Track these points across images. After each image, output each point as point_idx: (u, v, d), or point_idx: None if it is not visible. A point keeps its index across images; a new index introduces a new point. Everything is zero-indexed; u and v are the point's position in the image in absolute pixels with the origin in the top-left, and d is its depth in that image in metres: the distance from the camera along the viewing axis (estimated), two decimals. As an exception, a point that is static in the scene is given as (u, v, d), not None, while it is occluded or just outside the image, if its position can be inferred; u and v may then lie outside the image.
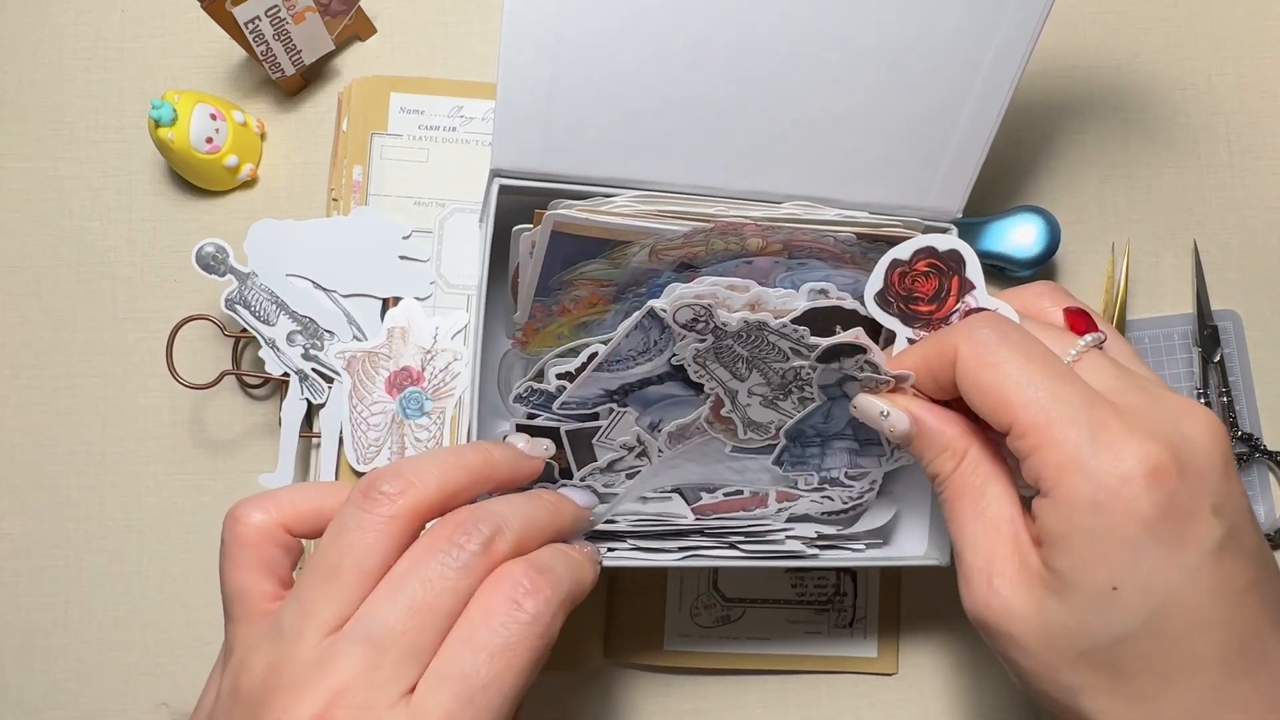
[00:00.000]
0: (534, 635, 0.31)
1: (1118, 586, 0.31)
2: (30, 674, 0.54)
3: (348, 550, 0.32)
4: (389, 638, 0.31)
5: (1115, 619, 0.31)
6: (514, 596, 0.32)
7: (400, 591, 0.31)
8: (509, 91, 0.41)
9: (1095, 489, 0.31)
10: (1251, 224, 0.58)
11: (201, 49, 0.57)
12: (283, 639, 0.32)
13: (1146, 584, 0.31)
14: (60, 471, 0.55)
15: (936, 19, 0.41)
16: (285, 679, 0.31)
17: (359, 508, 0.33)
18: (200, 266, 0.49)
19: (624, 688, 0.54)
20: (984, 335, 0.34)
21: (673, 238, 0.41)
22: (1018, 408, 0.33)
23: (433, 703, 0.30)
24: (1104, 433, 0.32)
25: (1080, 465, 0.31)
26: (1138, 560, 0.31)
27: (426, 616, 0.31)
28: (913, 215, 0.46)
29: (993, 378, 0.34)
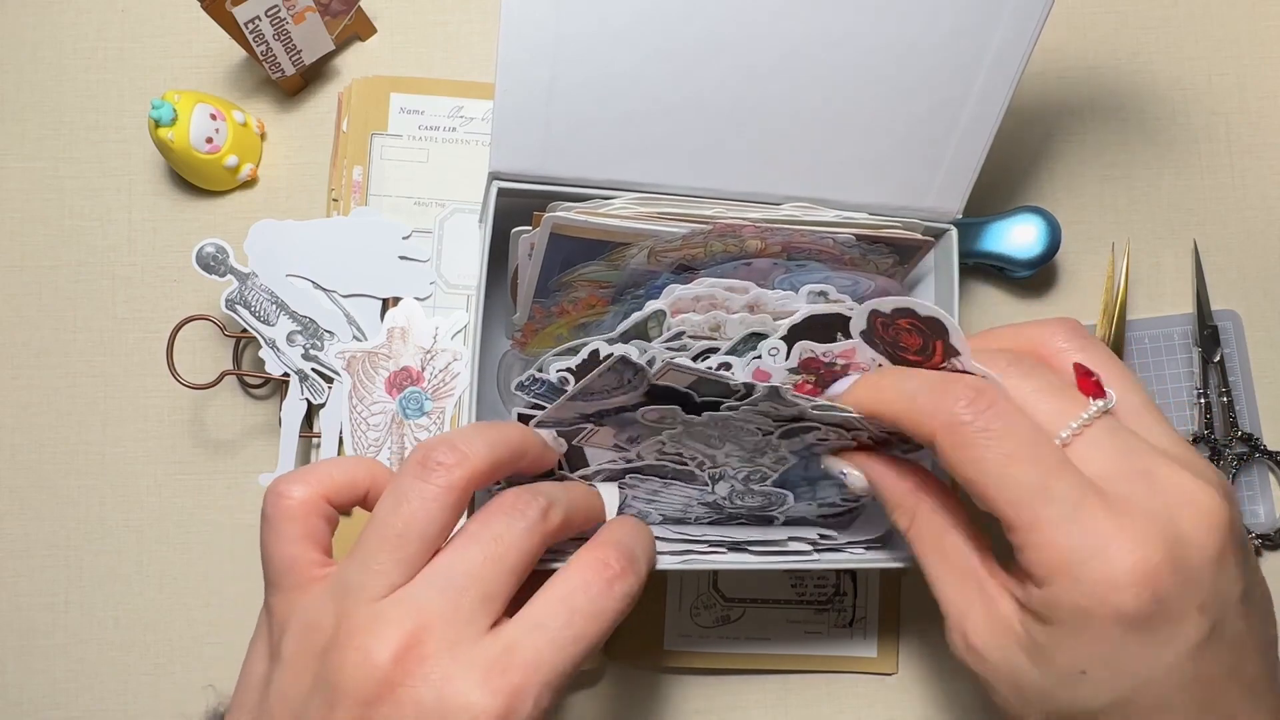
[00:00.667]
0: (618, 611, 0.34)
1: (1086, 670, 0.32)
2: (30, 674, 0.54)
3: (410, 518, 0.33)
4: (467, 580, 0.32)
5: (1083, 696, 0.32)
6: (607, 576, 0.34)
7: (474, 543, 0.33)
8: (507, 94, 0.41)
9: (1081, 596, 0.31)
10: (1251, 224, 0.58)
11: (201, 49, 0.57)
12: (350, 594, 0.32)
13: (1118, 671, 0.31)
14: (60, 471, 0.55)
15: (936, 19, 0.41)
16: (360, 623, 0.31)
17: (417, 478, 0.33)
18: (200, 266, 0.49)
19: (624, 688, 0.54)
20: (967, 416, 0.33)
21: (671, 240, 0.41)
22: (1003, 505, 0.32)
23: (527, 642, 0.32)
24: (1093, 537, 0.31)
25: (1067, 571, 0.31)
26: (1115, 653, 0.31)
27: (499, 567, 0.33)
28: (913, 216, 0.46)
29: (975, 473, 0.32)
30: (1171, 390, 0.57)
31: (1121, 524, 0.31)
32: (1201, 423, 0.56)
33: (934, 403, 0.34)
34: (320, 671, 0.31)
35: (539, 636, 0.32)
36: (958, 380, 0.34)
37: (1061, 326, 0.37)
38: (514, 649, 0.31)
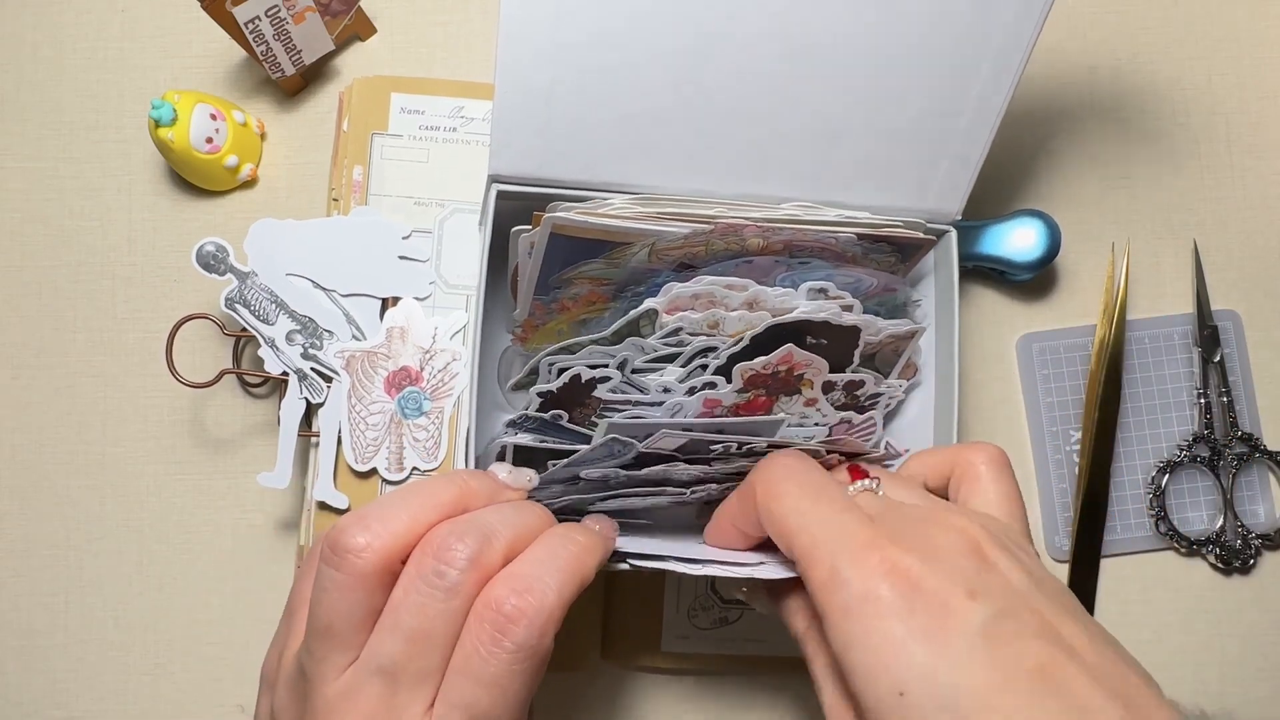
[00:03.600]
0: (521, 662, 0.33)
1: (903, 691, 0.31)
2: (30, 674, 0.54)
3: (332, 610, 0.34)
4: (396, 667, 0.33)
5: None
6: (497, 629, 0.33)
7: (397, 624, 0.33)
8: (506, 98, 0.41)
9: (848, 596, 0.32)
10: (1251, 224, 0.58)
11: (201, 49, 0.57)
12: (309, 683, 0.34)
13: (927, 679, 0.30)
14: (60, 471, 0.55)
15: (935, 20, 0.41)
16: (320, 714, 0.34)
17: (330, 565, 0.34)
18: (200, 265, 0.49)
19: (622, 689, 0.54)
20: (773, 471, 0.37)
21: (673, 239, 0.41)
22: (794, 534, 0.35)
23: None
24: (858, 550, 0.33)
25: (835, 578, 0.32)
26: (909, 658, 0.31)
27: (425, 643, 0.33)
28: (913, 217, 0.46)
29: (778, 508, 0.36)
30: (1171, 390, 0.57)
31: (878, 536, 0.33)
32: (1201, 423, 0.55)
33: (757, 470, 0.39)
34: None
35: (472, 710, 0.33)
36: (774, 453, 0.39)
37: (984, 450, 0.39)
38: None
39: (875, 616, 0.31)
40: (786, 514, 0.35)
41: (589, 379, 0.41)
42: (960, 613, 0.31)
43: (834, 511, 0.35)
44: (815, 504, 0.35)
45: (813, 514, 0.35)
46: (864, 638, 0.31)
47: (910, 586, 0.31)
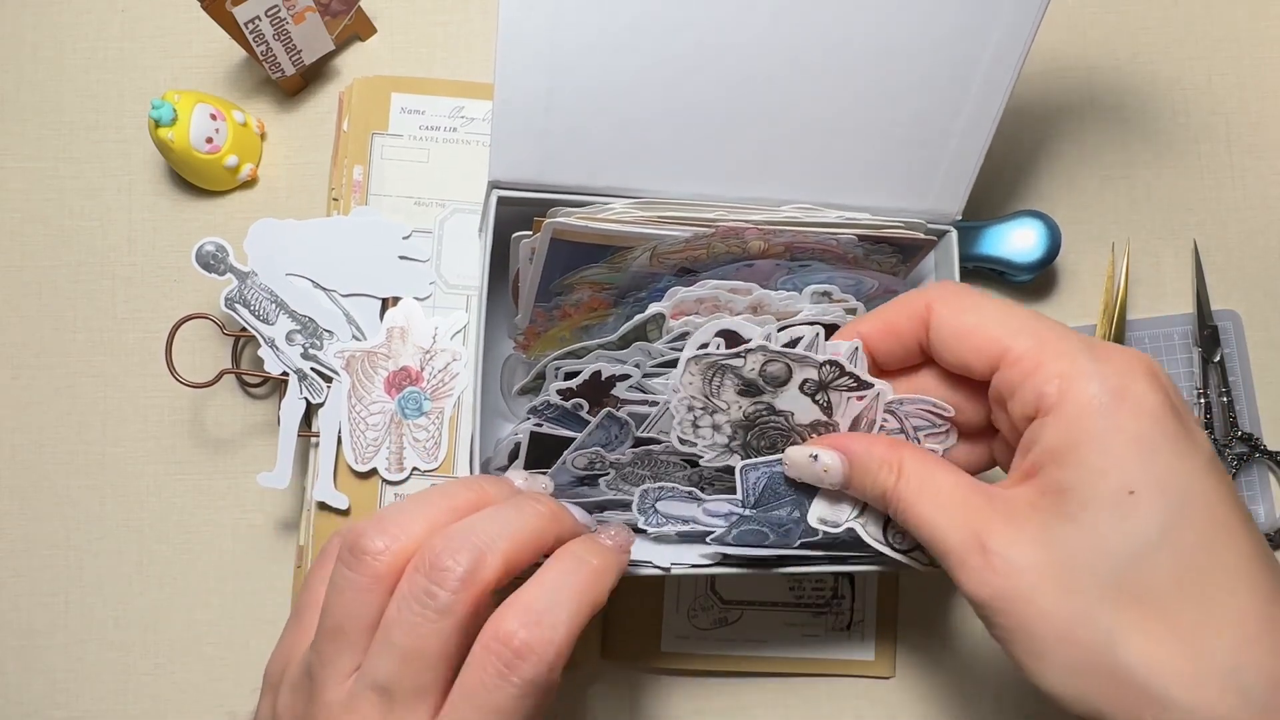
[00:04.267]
0: (529, 696, 0.32)
1: (1134, 490, 0.30)
2: (30, 674, 0.54)
3: (345, 611, 0.33)
4: (391, 684, 0.32)
5: (1133, 527, 0.30)
6: (504, 663, 0.32)
7: (389, 641, 0.33)
8: (506, 103, 0.41)
9: (1102, 389, 0.31)
10: (1251, 224, 0.58)
11: (201, 49, 0.57)
12: (313, 685, 0.34)
13: (1162, 482, 0.30)
14: (60, 471, 0.55)
15: (932, 20, 0.41)
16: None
17: (347, 567, 0.34)
18: (200, 265, 0.49)
19: (621, 689, 0.54)
20: (956, 288, 0.36)
21: (674, 242, 0.41)
22: (1005, 337, 0.33)
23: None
24: (1097, 346, 0.32)
25: (1084, 371, 0.31)
26: (1152, 458, 0.30)
27: (419, 662, 0.32)
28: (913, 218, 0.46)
29: (977, 319, 0.34)
30: (1171, 391, 0.57)
31: (1112, 345, 0.33)
32: (1201, 423, 0.56)
33: (919, 292, 0.37)
34: None
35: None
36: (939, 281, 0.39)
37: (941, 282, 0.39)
38: None
39: (1131, 412, 0.30)
40: (988, 322, 0.34)
41: (609, 375, 0.41)
42: (1200, 434, 0.31)
43: (1046, 319, 0.34)
44: (1021, 310, 0.34)
45: (1028, 317, 0.34)
46: (1108, 430, 0.30)
47: (1164, 392, 0.31)
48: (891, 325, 0.37)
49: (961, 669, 0.55)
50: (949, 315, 0.35)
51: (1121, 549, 0.30)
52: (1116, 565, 0.30)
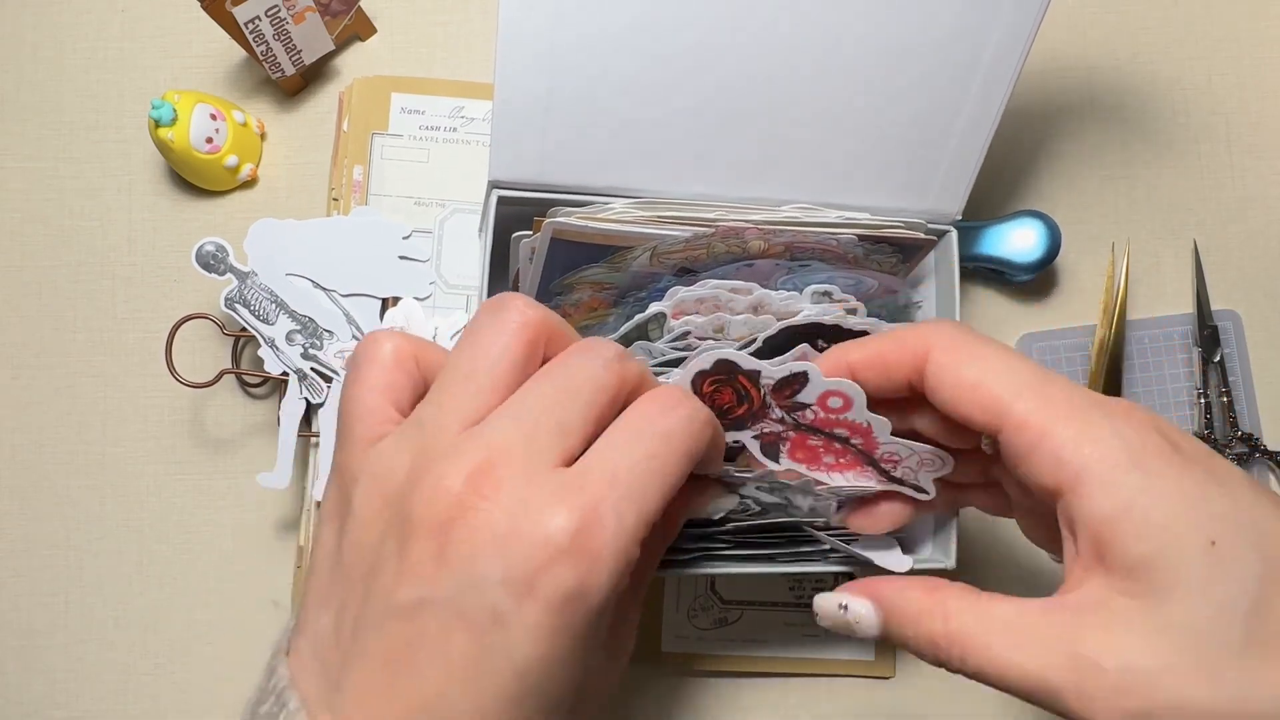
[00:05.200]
0: (686, 431, 0.31)
1: (1214, 540, 0.28)
2: (30, 674, 0.54)
3: (483, 354, 0.32)
4: (542, 411, 0.30)
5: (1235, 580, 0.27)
6: (666, 405, 0.31)
7: (549, 378, 0.31)
8: (506, 103, 0.41)
9: (1126, 444, 0.29)
10: (1251, 224, 0.58)
11: (201, 49, 0.57)
12: (424, 431, 0.31)
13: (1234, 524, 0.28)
14: (60, 471, 0.55)
15: (932, 20, 0.41)
16: (434, 456, 0.30)
17: (492, 315, 0.32)
18: (200, 265, 0.49)
19: (621, 689, 0.54)
20: (958, 334, 0.34)
21: (674, 242, 0.41)
22: (1011, 396, 0.31)
23: (598, 463, 0.30)
24: (1099, 400, 0.31)
25: (1100, 428, 0.30)
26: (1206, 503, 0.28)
27: (576, 400, 0.31)
28: (913, 218, 0.46)
29: (978, 373, 0.32)
30: (1171, 390, 0.57)
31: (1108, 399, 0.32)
32: (1201, 423, 0.56)
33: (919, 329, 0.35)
34: (394, 512, 0.30)
35: (610, 455, 0.30)
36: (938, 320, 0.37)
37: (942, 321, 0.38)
38: (587, 471, 0.30)
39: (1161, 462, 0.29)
40: (990, 379, 0.32)
41: None
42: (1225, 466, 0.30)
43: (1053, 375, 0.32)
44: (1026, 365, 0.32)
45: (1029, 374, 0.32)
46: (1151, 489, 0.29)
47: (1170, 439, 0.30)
48: (882, 359, 0.36)
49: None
50: (950, 365, 0.33)
51: (1239, 605, 0.27)
52: (1241, 623, 0.27)
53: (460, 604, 0.28)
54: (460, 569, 0.28)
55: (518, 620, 0.28)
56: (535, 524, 0.28)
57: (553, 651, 0.28)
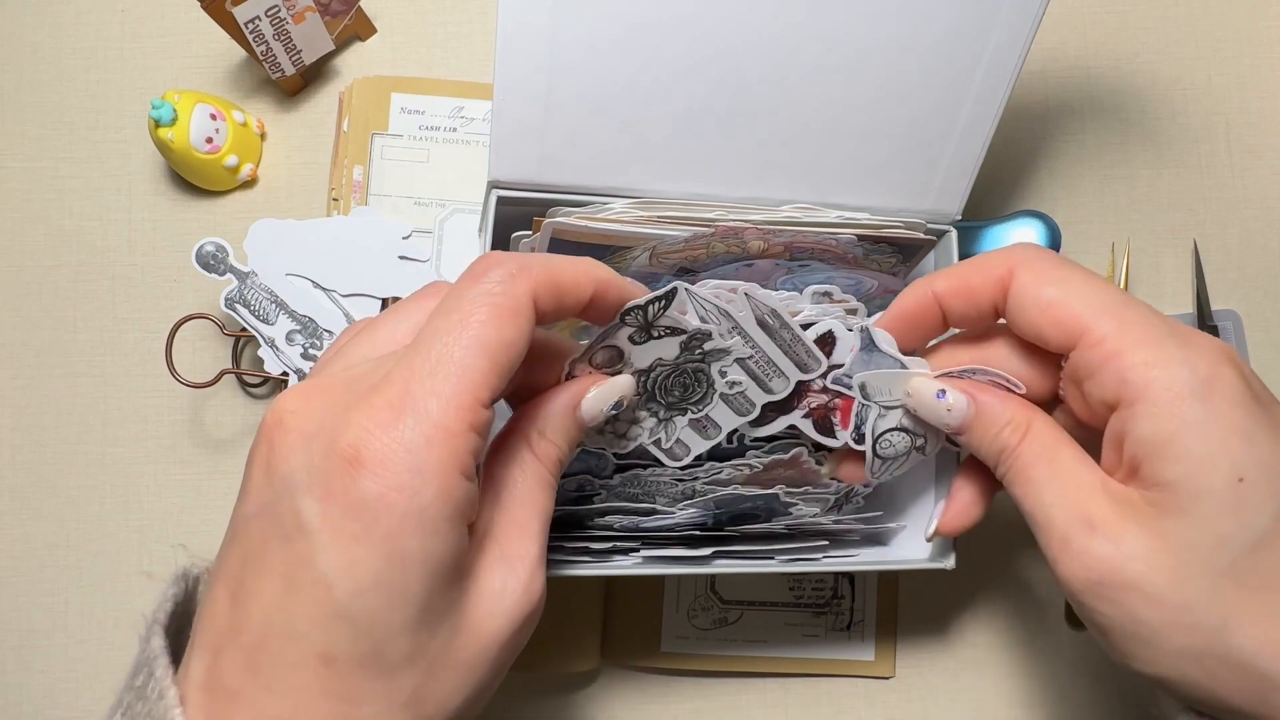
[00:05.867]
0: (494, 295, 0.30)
1: (1244, 477, 0.29)
2: (30, 674, 0.54)
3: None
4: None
5: (1248, 517, 0.29)
6: (470, 275, 0.31)
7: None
8: (506, 103, 0.41)
9: (1193, 376, 0.30)
10: (1251, 224, 0.58)
11: (201, 49, 0.57)
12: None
13: (1269, 469, 0.29)
14: (60, 471, 0.55)
15: (931, 20, 0.41)
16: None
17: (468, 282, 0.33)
18: (200, 265, 0.49)
19: (621, 689, 0.54)
20: (1041, 256, 0.35)
21: (674, 242, 0.41)
22: (1087, 315, 0.32)
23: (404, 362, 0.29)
24: (1182, 332, 0.31)
25: (1172, 358, 0.30)
26: (1253, 445, 0.30)
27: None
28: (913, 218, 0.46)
29: (1059, 293, 0.33)
30: (1171, 391, 0.56)
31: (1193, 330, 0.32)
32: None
33: (1001, 254, 0.35)
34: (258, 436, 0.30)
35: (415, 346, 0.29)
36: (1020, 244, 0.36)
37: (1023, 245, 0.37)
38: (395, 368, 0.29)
39: (1224, 398, 0.30)
40: (1072, 293, 0.33)
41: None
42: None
43: (1131, 298, 0.33)
44: (1106, 286, 0.33)
45: (1112, 295, 0.33)
46: (1204, 419, 0.30)
47: (1246, 377, 0.30)
48: (968, 285, 0.36)
49: (962, 669, 0.55)
50: (1032, 284, 0.34)
51: (1237, 539, 0.30)
52: (1232, 555, 0.30)
53: (275, 510, 0.28)
54: (277, 474, 0.28)
55: (320, 524, 0.27)
56: (338, 423, 0.28)
57: (361, 563, 0.27)
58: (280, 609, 0.27)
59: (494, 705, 0.54)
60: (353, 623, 0.27)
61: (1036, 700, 0.54)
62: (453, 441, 0.28)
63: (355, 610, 0.27)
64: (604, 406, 0.35)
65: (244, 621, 0.28)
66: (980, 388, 0.37)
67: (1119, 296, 0.33)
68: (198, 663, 0.29)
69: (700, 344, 0.37)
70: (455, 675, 0.29)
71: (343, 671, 0.27)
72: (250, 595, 0.28)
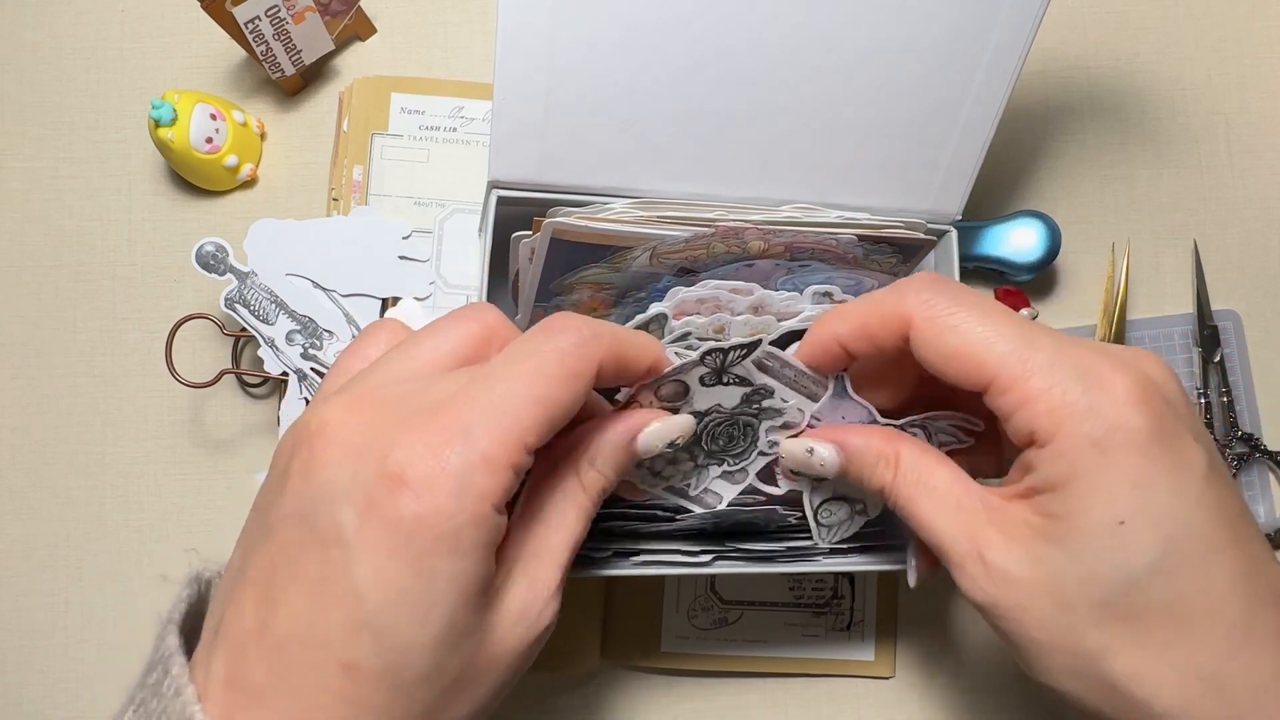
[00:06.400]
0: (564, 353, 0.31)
1: (1124, 520, 0.30)
2: (30, 674, 0.54)
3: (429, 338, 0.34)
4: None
5: (1125, 557, 0.30)
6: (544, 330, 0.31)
7: None
8: (506, 103, 0.41)
9: (1094, 426, 0.30)
10: (1251, 224, 0.58)
11: (201, 49, 0.57)
12: None
13: (1153, 514, 0.30)
14: (60, 471, 0.55)
15: (932, 20, 0.41)
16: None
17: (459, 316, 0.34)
18: (200, 265, 0.49)
19: (621, 689, 0.54)
20: (935, 299, 0.34)
21: (674, 242, 0.41)
22: (992, 364, 0.32)
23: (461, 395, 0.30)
24: (1088, 370, 0.31)
25: (1075, 406, 0.31)
26: (1142, 492, 0.30)
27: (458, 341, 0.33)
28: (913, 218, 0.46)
29: (958, 340, 0.33)
30: (1171, 391, 0.57)
31: (1104, 358, 0.32)
32: (1202, 422, 0.55)
33: (896, 298, 0.34)
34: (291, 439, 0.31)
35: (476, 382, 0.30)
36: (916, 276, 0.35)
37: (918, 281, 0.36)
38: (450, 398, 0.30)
39: (1122, 447, 0.30)
40: (973, 343, 0.32)
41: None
42: (1192, 452, 0.31)
43: (1039, 336, 0.32)
44: (1006, 327, 0.32)
45: (1013, 338, 0.32)
46: (1099, 467, 0.30)
47: (1155, 416, 0.30)
48: (867, 331, 0.35)
49: (961, 669, 0.55)
50: (931, 335, 0.33)
51: (1111, 575, 0.31)
52: (1106, 591, 0.31)
53: (313, 518, 0.28)
54: (317, 479, 0.29)
55: (357, 536, 0.28)
56: (387, 442, 0.28)
57: (393, 578, 0.27)
58: (309, 614, 0.28)
59: (494, 705, 0.54)
60: (378, 634, 0.28)
61: (1037, 700, 0.54)
62: (495, 476, 0.29)
63: (382, 622, 0.28)
64: (661, 443, 0.35)
65: (272, 622, 0.28)
66: (848, 431, 0.37)
67: (1019, 333, 0.32)
68: (220, 660, 0.29)
69: (760, 400, 0.38)
70: (469, 691, 0.30)
71: (364, 681, 0.28)
72: (280, 598, 0.29)
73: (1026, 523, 0.32)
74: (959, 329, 0.33)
